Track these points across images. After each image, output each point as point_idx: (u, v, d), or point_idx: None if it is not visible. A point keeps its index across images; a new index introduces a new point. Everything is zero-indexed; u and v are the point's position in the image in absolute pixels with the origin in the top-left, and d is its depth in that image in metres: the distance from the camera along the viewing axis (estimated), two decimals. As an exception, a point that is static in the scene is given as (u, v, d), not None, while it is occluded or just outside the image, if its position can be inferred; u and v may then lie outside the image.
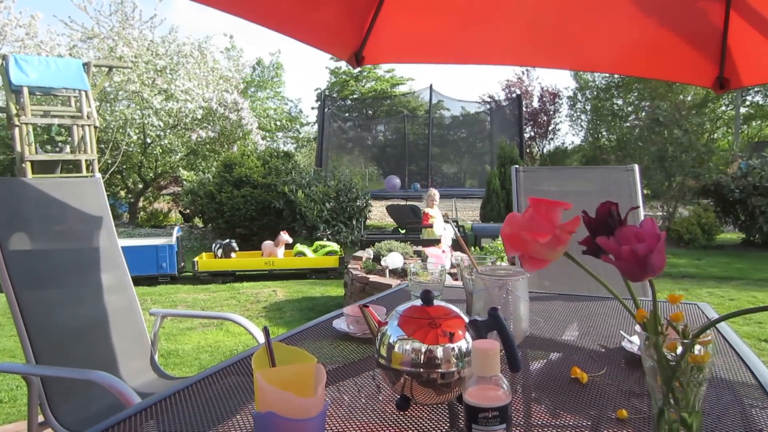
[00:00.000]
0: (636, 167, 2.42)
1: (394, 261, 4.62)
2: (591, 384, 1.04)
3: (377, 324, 0.97)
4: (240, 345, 4.08)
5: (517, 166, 2.54)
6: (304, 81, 53.49)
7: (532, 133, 18.65)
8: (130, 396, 1.40)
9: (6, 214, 1.74)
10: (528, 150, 17.08)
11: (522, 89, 18.51)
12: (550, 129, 19.06)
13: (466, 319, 0.92)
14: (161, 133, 11.98)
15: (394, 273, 4.67)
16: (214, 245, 7.05)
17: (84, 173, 7.41)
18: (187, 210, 10.94)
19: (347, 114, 19.11)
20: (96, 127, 7.60)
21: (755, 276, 6.88)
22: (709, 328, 0.70)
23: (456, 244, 4.18)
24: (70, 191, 2.02)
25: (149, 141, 12.22)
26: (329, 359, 1.22)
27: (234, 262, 6.87)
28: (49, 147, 9.59)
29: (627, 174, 2.40)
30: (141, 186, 13.44)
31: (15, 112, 6.85)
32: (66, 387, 1.71)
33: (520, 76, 18.98)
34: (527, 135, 17.94)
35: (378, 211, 13.20)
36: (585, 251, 0.81)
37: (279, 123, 19.08)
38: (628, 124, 17.23)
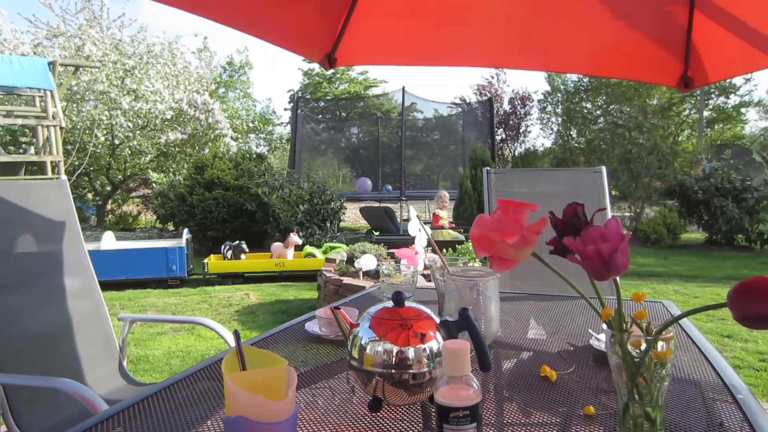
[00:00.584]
0: (603, 169, 2.47)
1: (367, 263, 4.62)
2: (560, 382, 1.06)
3: (349, 326, 0.97)
4: (212, 349, 4.02)
5: (489, 168, 2.57)
6: (275, 82, 53.11)
7: (503, 136, 18.87)
8: (96, 403, 1.37)
9: (-34, 217, 1.69)
10: (500, 152, 17.27)
11: (493, 92, 18.71)
12: (521, 131, 19.32)
13: (437, 320, 0.93)
14: (130, 135, 11.74)
15: (367, 275, 4.67)
16: (223, 247, 7.01)
17: (49, 175, 7.21)
18: (156, 213, 10.74)
19: (320, 116, 19.01)
20: (62, 128, 7.40)
21: (718, 274, 7.12)
22: (671, 325, 0.72)
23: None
24: (34, 194, 1.97)
25: (117, 142, 11.97)
26: (302, 362, 1.22)
27: (244, 263, 6.86)
28: (13, 148, 9.31)
29: (595, 176, 2.45)
30: (109, 188, 13.15)
31: (-24, 112, 6.64)
32: (30, 395, 1.66)
33: (490, 80, 19.20)
34: (499, 137, 18.13)
35: (352, 213, 13.18)
36: (552, 251, 0.82)
37: (251, 125, 18.89)
38: (596, 126, 17.62)
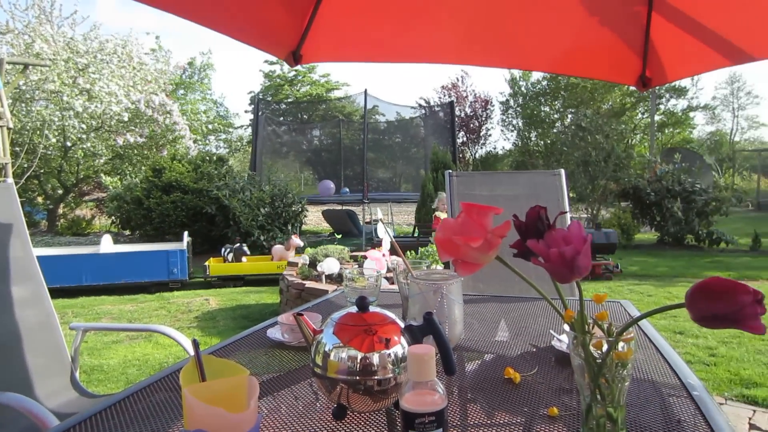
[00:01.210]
0: (562, 172, 2.51)
1: (330, 266, 4.59)
2: (523, 383, 1.07)
3: (312, 332, 0.95)
4: (170, 357, 3.91)
5: (450, 171, 2.58)
6: (236, 83, 52.41)
7: (464, 138, 19.12)
8: (46, 418, 1.30)
9: None
10: (461, 155, 17.48)
11: (457, 94, 18.94)
12: (482, 134, 19.62)
13: (401, 325, 0.92)
14: (83, 136, 11.34)
15: (330, 278, 4.63)
16: (223, 250, 6.95)
17: (-5, 178, 6.90)
18: (112, 217, 10.39)
19: (282, 118, 18.84)
20: (9, 129, 7.08)
21: (670, 273, 7.41)
22: (632, 325, 0.74)
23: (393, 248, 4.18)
24: (-23, 198, 1.87)
25: (70, 144, 11.54)
26: (264, 369, 1.19)
27: (245, 266, 6.83)
28: (-45, 150, 8.84)
29: (554, 178, 2.49)
30: (61, 192, 12.67)
31: None
32: (-27, 411, 1.57)
33: (455, 82, 19.44)
34: (460, 140, 18.35)
35: (314, 216, 13.08)
36: (516, 254, 0.83)
37: (211, 126, 18.56)
38: (555, 130, 18.06)
